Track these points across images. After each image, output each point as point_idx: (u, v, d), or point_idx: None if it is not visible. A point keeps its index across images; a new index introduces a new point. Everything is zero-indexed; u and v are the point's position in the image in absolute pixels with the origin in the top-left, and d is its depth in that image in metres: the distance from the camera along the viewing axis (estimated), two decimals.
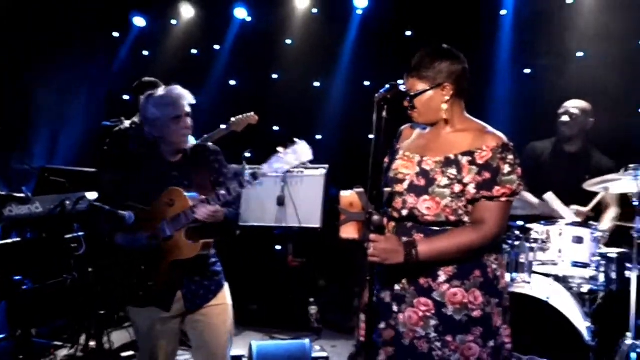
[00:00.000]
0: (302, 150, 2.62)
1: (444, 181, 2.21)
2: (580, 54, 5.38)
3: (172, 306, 2.87)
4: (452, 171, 2.21)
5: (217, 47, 6.77)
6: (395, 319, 2.28)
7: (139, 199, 2.84)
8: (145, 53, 6.94)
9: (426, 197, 2.21)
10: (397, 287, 2.27)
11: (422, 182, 2.24)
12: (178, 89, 2.94)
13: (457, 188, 2.19)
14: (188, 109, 2.92)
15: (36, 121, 6.18)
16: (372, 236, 2.13)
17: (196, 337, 2.99)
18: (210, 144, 3.12)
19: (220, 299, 2.98)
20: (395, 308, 2.28)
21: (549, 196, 4.10)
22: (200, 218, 2.71)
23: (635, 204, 3.65)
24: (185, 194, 2.78)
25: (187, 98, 2.93)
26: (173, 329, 2.94)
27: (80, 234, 4.13)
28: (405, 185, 2.27)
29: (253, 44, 6.56)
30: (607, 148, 4.39)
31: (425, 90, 2.26)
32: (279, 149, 2.64)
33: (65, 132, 6.43)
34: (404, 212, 2.25)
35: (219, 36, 6.72)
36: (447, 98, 2.27)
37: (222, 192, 2.71)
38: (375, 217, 2.13)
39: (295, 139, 2.64)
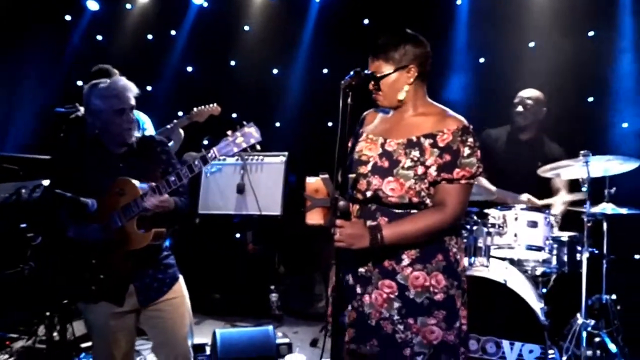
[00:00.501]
0: (250, 132, 2.61)
1: (407, 163, 2.25)
2: (532, 44, 5.51)
3: (125, 300, 2.81)
4: (415, 153, 2.26)
5: (173, 32, 6.64)
6: (359, 300, 2.32)
7: (85, 190, 2.75)
8: (99, 38, 6.76)
9: (390, 178, 2.25)
10: (361, 269, 2.31)
11: (386, 164, 2.28)
12: (123, 81, 2.85)
13: (420, 170, 2.24)
14: (133, 102, 2.83)
15: None
16: (338, 221, 2.16)
17: (155, 333, 2.93)
18: (156, 135, 3.06)
19: (176, 291, 2.93)
20: (359, 290, 2.32)
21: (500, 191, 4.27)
22: (149, 207, 2.67)
23: (585, 189, 3.79)
24: (135, 182, 2.73)
25: (133, 90, 2.84)
26: (128, 324, 2.87)
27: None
28: (369, 166, 2.31)
29: (210, 30, 6.45)
30: (558, 136, 4.54)
31: (391, 72, 2.29)
32: (228, 132, 2.63)
33: (15, 119, 6.23)
34: (368, 194, 2.29)
35: (176, 21, 6.57)
36: (411, 80, 2.32)
37: (172, 178, 2.68)
38: (341, 203, 2.16)
39: (244, 122, 2.64)
